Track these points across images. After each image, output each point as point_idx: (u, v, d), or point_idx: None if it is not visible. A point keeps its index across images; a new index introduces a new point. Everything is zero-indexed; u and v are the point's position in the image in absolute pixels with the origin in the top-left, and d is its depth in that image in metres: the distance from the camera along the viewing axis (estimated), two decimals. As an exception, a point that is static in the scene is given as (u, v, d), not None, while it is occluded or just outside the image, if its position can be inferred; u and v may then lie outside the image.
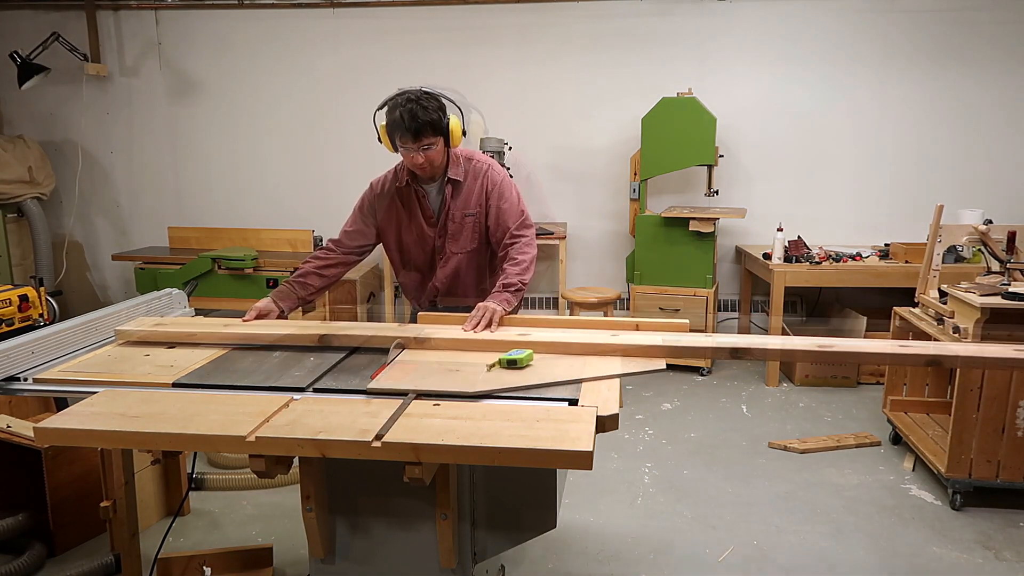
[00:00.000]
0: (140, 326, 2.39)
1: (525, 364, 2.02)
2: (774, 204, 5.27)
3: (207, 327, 2.39)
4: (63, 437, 1.72)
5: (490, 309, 2.32)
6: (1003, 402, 3.07)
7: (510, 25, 5.31)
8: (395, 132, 2.41)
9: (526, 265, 2.52)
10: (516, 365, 2.00)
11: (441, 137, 2.45)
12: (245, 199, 5.70)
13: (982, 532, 3.02)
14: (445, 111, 2.45)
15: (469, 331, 2.26)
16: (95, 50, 5.46)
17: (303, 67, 5.49)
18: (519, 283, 2.46)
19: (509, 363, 2.01)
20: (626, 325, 2.32)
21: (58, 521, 2.86)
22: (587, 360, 2.07)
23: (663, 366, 2.04)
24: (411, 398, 1.81)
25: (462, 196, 2.61)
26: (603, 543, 2.95)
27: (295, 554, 2.86)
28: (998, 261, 3.33)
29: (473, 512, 1.95)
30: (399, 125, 2.38)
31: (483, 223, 2.64)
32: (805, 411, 4.32)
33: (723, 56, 5.20)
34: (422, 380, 1.93)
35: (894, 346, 2.12)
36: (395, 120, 2.38)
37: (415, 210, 2.64)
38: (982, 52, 5.04)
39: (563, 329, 2.30)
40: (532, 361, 2.05)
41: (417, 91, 2.41)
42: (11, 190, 5.24)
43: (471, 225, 2.63)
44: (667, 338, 2.16)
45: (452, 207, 2.61)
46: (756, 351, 2.13)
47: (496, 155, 4.92)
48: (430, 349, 2.21)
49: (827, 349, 2.07)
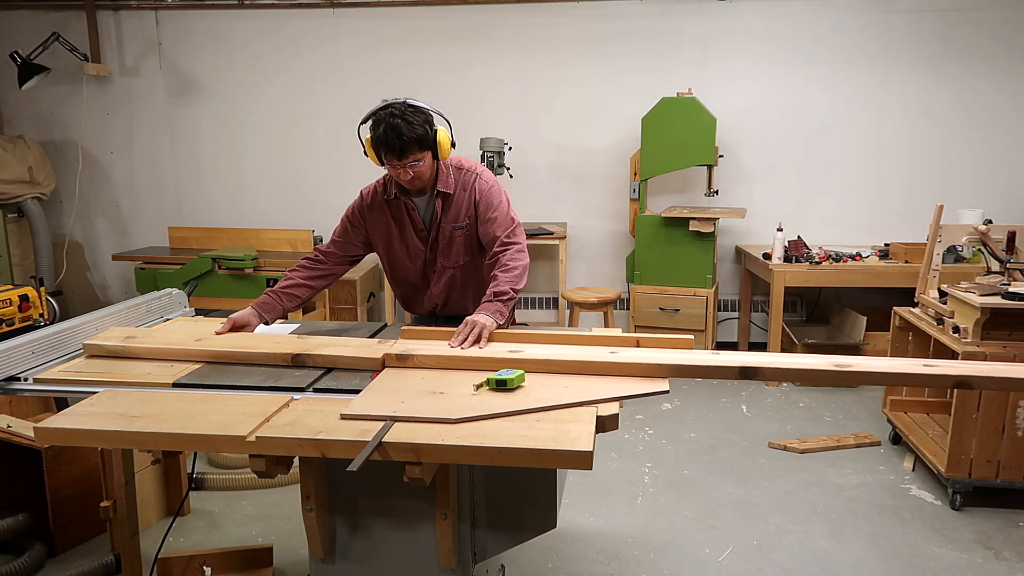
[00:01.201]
0: (109, 340, 2.24)
1: (515, 386, 1.88)
2: (774, 204, 5.27)
3: (177, 344, 2.22)
4: (63, 437, 1.72)
5: (479, 324, 2.18)
6: (1003, 402, 3.07)
7: (510, 25, 5.31)
8: (380, 149, 2.33)
9: (518, 272, 2.39)
10: (505, 387, 1.86)
11: (428, 151, 2.36)
12: (245, 199, 5.70)
13: (982, 532, 3.02)
14: (432, 124, 2.36)
15: (456, 347, 2.13)
16: (95, 50, 5.46)
17: (303, 67, 5.49)
18: (511, 291, 2.34)
19: (498, 383, 1.87)
20: (626, 341, 2.16)
21: (58, 521, 2.86)
22: (583, 381, 1.94)
23: (666, 387, 1.89)
24: (388, 426, 1.66)
25: (452, 209, 2.52)
26: (603, 543, 2.95)
27: (295, 554, 2.87)
28: (998, 261, 3.33)
29: (473, 512, 1.96)
30: (383, 142, 2.30)
31: (474, 235, 2.54)
32: (805, 411, 4.32)
33: (723, 56, 5.20)
34: (402, 404, 1.78)
35: (917, 366, 1.91)
36: (379, 136, 2.31)
37: (405, 223, 2.55)
38: (982, 52, 5.04)
39: (558, 345, 2.15)
40: (523, 382, 1.91)
41: (402, 104, 2.31)
42: (11, 190, 5.24)
43: (461, 239, 2.54)
44: (669, 356, 2.02)
45: (443, 221, 2.52)
46: (768, 371, 1.95)
47: (496, 155, 4.92)
48: (413, 368, 2.07)
49: (844, 369, 1.89)
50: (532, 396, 1.84)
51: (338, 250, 2.64)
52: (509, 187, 5.24)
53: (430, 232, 2.55)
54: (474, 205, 2.52)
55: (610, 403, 1.80)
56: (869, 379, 1.91)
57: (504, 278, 2.36)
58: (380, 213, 2.57)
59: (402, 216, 2.55)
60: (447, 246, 2.55)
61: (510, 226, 2.50)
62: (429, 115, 2.37)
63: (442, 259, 2.57)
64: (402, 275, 2.65)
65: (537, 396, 1.83)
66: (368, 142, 2.38)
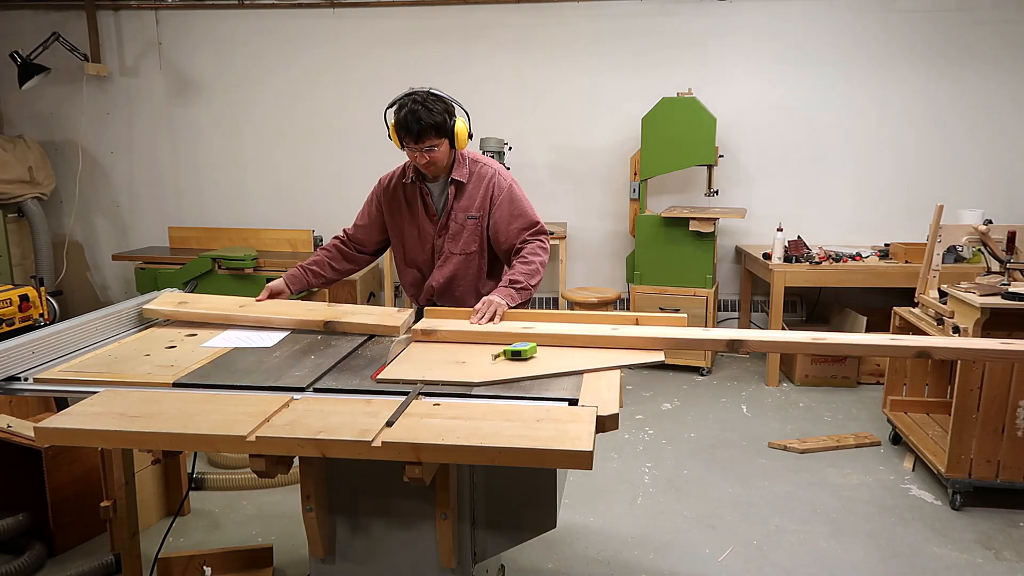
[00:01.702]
0: (164, 305, 2.53)
1: (529, 356, 2.07)
2: (774, 204, 5.27)
3: (224, 309, 2.49)
4: (63, 437, 1.72)
5: (495, 303, 2.36)
6: (1003, 402, 3.07)
7: (510, 25, 5.31)
8: (400, 132, 2.45)
9: (536, 267, 2.53)
10: (520, 357, 2.06)
11: (446, 139, 2.48)
12: (245, 199, 5.71)
13: (982, 532, 3.02)
14: (452, 113, 2.48)
15: (475, 323, 2.30)
16: (95, 50, 5.46)
17: (303, 67, 5.49)
18: (526, 283, 2.48)
19: (513, 354, 2.07)
20: (626, 319, 2.37)
21: (58, 521, 2.86)
22: (588, 353, 2.13)
23: (662, 358, 2.11)
24: (419, 388, 1.85)
25: (465, 198, 2.62)
26: (603, 543, 2.95)
27: (295, 554, 2.87)
28: (998, 261, 3.33)
29: (473, 512, 1.96)
30: (402, 126, 2.43)
31: (484, 227, 2.65)
32: (805, 411, 4.32)
33: (723, 56, 5.20)
34: (429, 371, 1.97)
35: (885, 339, 2.22)
36: (400, 121, 2.44)
37: (418, 206, 2.66)
38: (982, 52, 5.04)
39: (565, 323, 2.36)
40: (535, 353, 2.10)
41: (424, 92, 2.44)
42: (11, 190, 5.24)
43: (472, 228, 2.64)
44: (665, 331, 2.23)
45: (455, 207, 2.63)
46: (752, 343, 2.20)
47: (496, 155, 4.92)
48: (436, 342, 2.25)
49: (821, 342, 2.15)
50: (543, 364, 2.03)
51: (361, 235, 2.78)
52: (509, 187, 5.28)
53: (441, 216, 2.65)
54: (490, 200, 2.62)
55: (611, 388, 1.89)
56: (842, 350, 2.22)
57: (521, 269, 2.52)
58: (396, 195, 2.69)
59: (415, 199, 2.66)
60: (457, 233, 2.65)
61: (535, 224, 2.64)
62: (450, 105, 2.49)
63: (450, 245, 2.66)
64: (412, 257, 2.74)
65: (548, 364, 2.03)
66: (392, 126, 2.49)
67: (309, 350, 2.22)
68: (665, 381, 4.79)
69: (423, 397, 1.83)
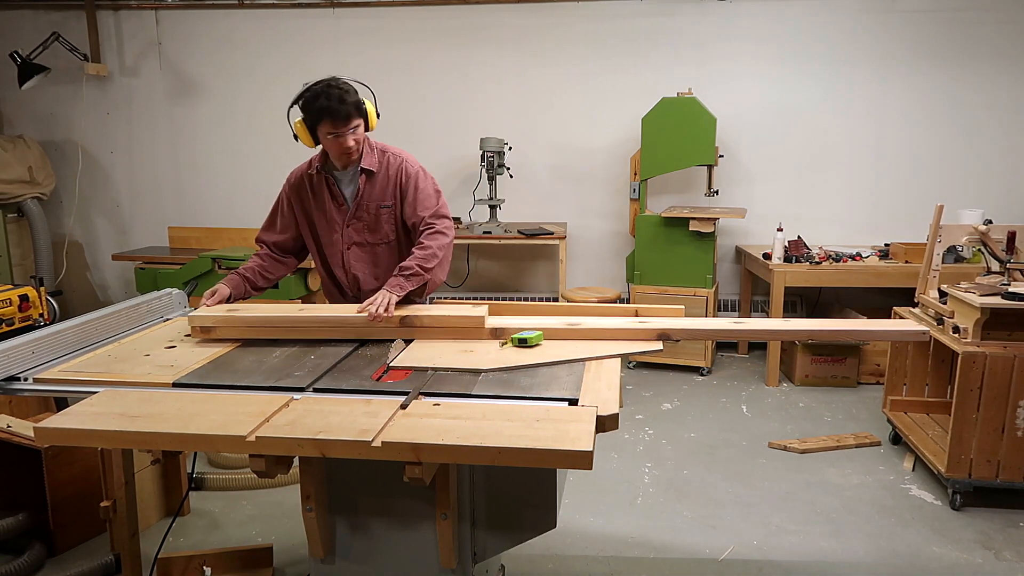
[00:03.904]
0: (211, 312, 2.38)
1: (534, 344, 2.18)
2: (774, 204, 5.27)
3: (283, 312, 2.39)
4: (63, 437, 1.72)
5: (378, 298, 2.30)
6: (1003, 402, 3.07)
7: (510, 25, 5.31)
8: (324, 118, 2.42)
9: (432, 251, 2.48)
10: (526, 344, 2.16)
11: (362, 120, 2.50)
12: (245, 199, 5.70)
13: (982, 532, 3.02)
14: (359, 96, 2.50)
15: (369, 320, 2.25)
16: (95, 50, 5.46)
17: (303, 67, 5.48)
18: (416, 267, 2.42)
19: (520, 342, 2.17)
20: (626, 311, 2.49)
21: (58, 521, 2.86)
22: (591, 343, 2.21)
23: (660, 347, 2.23)
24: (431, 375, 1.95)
25: (377, 187, 2.61)
26: (603, 543, 2.95)
27: (295, 554, 2.87)
28: (998, 261, 3.33)
29: (473, 512, 1.96)
30: (328, 110, 2.40)
31: (399, 215, 2.64)
32: (805, 411, 4.32)
33: (723, 56, 5.20)
34: (439, 358, 2.08)
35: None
36: (323, 107, 2.41)
37: (324, 196, 2.64)
38: (982, 52, 5.04)
39: (568, 316, 2.43)
40: (541, 341, 2.20)
41: (331, 78, 2.47)
42: (11, 190, 5.24)
43: (387, 216, 2.63)
44: (663, 322, 2.33)
45: (366, 196, 2.61)
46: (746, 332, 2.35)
47: (496, 155, 4.93)
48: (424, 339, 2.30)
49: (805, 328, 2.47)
50: (548, 352, 2.13)
51: (275, 238, 2.73)
52: (509, 187, 5.29)
53: (351, 206, 2.63)
54: (400, 187, 2.61)
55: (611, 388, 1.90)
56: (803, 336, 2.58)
57: (416, 254, 2.48)
58: (302, 188, 2.68)
59: (322, 189, 2.65)
60: (374, 223, 2.64)
61: (435, 207, 2.61)
62: (354, 87, 2.52)
63: (367, 235, 2.64)
64: (324, 249, 2.71)
65: (552, 353, 2.13)
66: (300, 123, 2.49)
67: (309, 350, 2.22)
68: (665, 381, 4.79)
69: (423, 397, 1.83)
